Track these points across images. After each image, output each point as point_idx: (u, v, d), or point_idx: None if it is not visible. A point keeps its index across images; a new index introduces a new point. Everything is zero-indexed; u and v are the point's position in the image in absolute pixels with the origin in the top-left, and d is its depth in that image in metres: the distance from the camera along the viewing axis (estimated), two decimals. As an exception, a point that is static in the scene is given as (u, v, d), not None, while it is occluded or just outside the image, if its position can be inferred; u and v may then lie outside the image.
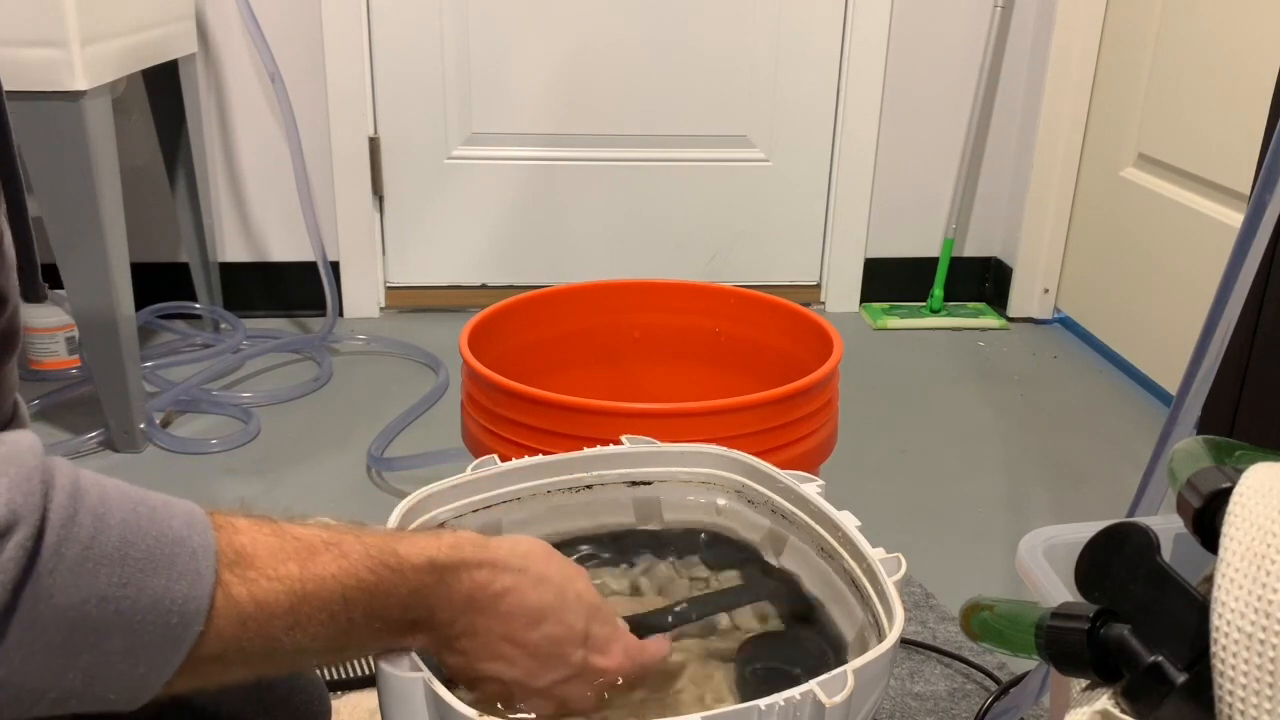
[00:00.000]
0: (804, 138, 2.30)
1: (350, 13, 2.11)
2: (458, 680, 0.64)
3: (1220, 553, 0.50)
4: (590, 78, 2.22)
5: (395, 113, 2.20)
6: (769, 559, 0.80)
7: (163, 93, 2.00)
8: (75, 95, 1.49)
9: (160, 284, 2.17)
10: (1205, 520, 0.54)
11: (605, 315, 1.34)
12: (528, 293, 1.30)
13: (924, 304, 2.40)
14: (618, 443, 0.83)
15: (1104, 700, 0.56)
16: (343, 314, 2.26)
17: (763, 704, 0.55)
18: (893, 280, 2.41)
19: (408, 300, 2.33)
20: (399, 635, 0.57)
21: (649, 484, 0.83)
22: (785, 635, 0.74)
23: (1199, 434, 0.68)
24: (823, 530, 0.75)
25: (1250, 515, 0.51)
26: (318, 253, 2.05)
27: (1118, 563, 0.58)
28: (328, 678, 1.18)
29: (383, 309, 2.32)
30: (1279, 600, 0.47)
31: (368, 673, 1.18)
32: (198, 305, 2.15)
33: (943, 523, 1.58)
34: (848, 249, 2.37)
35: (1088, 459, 1.77)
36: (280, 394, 1.90)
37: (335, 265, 2.23)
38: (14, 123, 0.62)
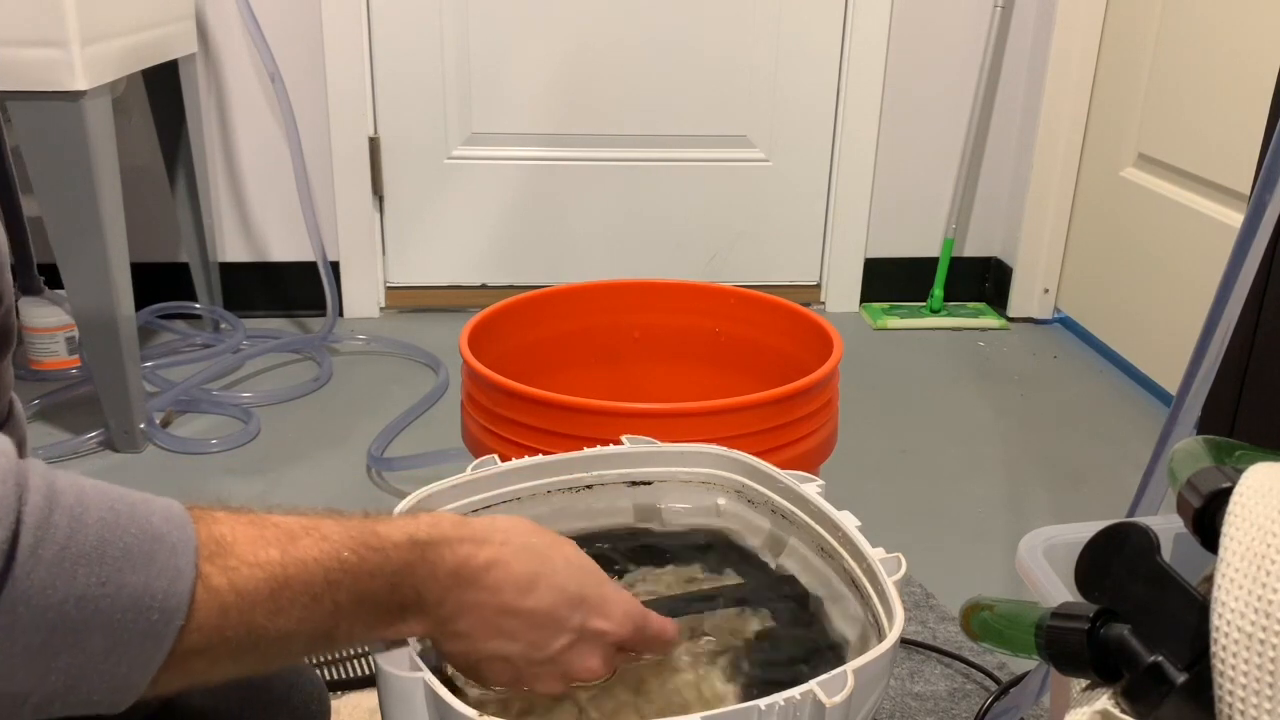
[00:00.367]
0: (804, 138, 2.30)
1: (350, 13, 2.11)
2: (463, 672, 0.63)
3: (1220, 553, 0.50)
4: (590, 78, 2.22)
5: (395, 113, 2.20)
6: (768, 559, 0.80)
7: (163, 93, 2.00)
8: (75, 95, 1.49)
9: (160, 284, 2.17)
10: (1205, 520, 0.54)
11: (605, 315, 1.34)
12: (528, 293, 1.30)
13: (924, 304, 2.40)
14: (618, 443, 0.83)
15: (1104, 700, 0.56)
16: (343, 314, 2.26)
17: (763, 704, 0.55)
18: (893, 280, 2.41)
19: (408, 300, 2.33)
20: (389, 621, 0.56)
21: (649, 484, 0.83)
22: (784, 634, 0.74)
23: (1199, 434, 0.68)
24: (823, 530, 0.75)
25: (1250, 515, 0.51)
26: (318, 253, 2.05)
27: (1118, 563, 0.58)
28: (328, 678, 1.18)
29: (383, 309, 2.32)
30: (1279, 600, 0.47)
31: (368, 673, 1.18)
32: (198, 305, 2.15)
33: (943, 523, 1.58)
34: (848, 249, 2.37)
35: (1088, 459, 1.77)
36: (280, 394, 1.90)
37: (335, 265, 2.23)
38: (14, 123, 0.62)
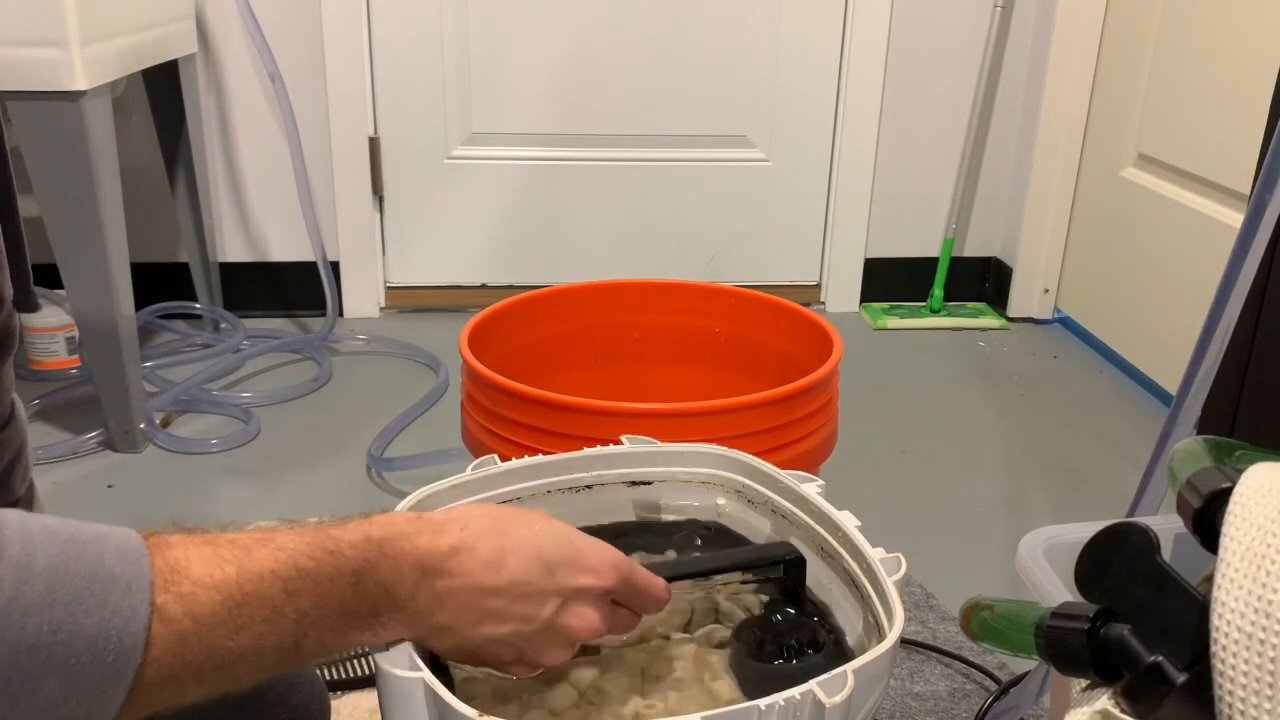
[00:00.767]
0: (804, 138, 2.30)
1: (350, 13, 2.11)
2: (469, 664, 0.62)
3: (1220, 553, 0.50)
4: (590, 78, 2.22)
5: (395, 113, 2.20)
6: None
7: (163, 93, 2.00)
8: (75, 95, 1.49)
9: (160, 284, 2.17)
10: (1205, 520, 0.54)
11: (605, 315, 1.34)
12: (528, 293, 1.30)
13: (924, 304, 2.40)
14: (618, 443, 0.83)
15: (1104, 700, 0.56)
16: (343, 314, 2.26)
17: (763, 704, 0.55)
18: (893, 280, 2.41)
19: (408, 300, 2.33)
20: (362, 625, 0.55)
21: (649, 484, 0.83)
22: (783, 618, 0.74)
23: (1199, 434, 0.68)
24: (823, 530, 0.75)
25: (1250, 515, 0.51)
26: (318, 253, 2.05)
27: (1118, 563, 0.58)
28: (328, 678, 1.18)
29: (383, 309, 2.32)
30: (1279, 600, 0.47)
31: (368, 673, 1.18)
32: (198, 305, 2.15)
33: (943, 523, 1.58)
34: (848, 249, 2.37)
35: (1088, 459, 1.77)
36: (280, 394, 1.90)
37: (335, 265, 2.23)
38: (14, 123, 0.62)
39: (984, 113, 2.30)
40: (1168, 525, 0.67)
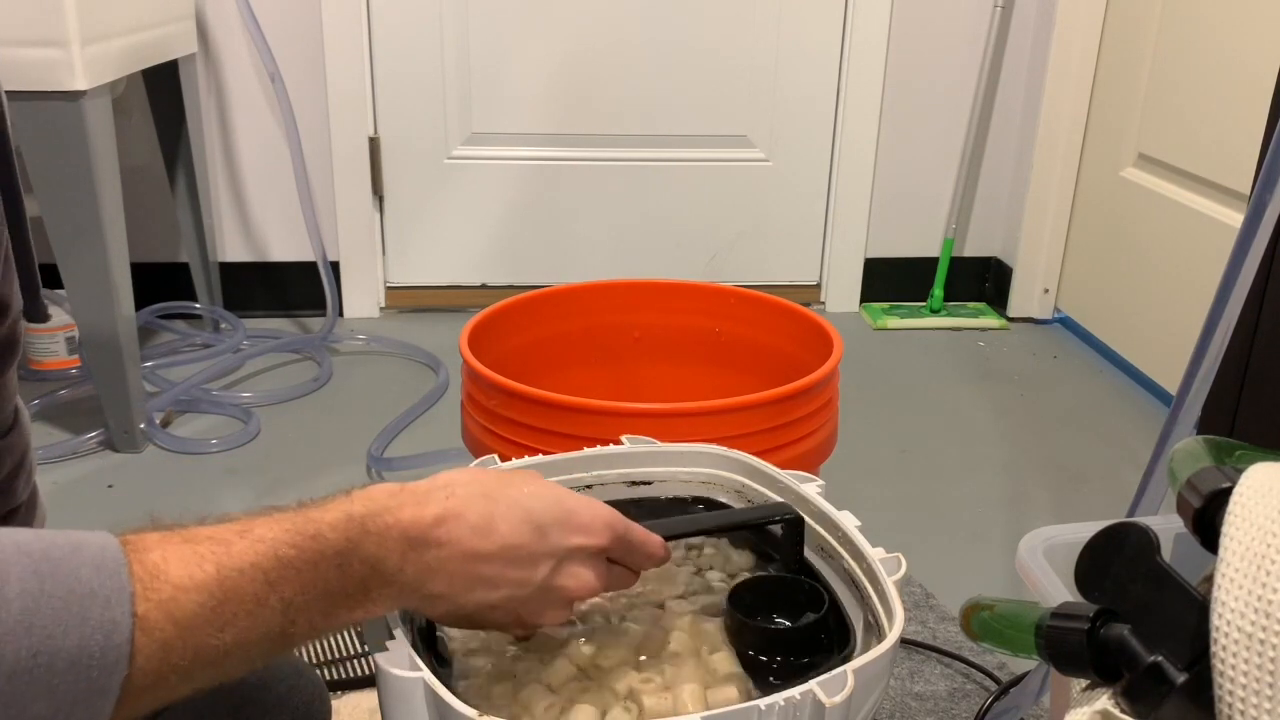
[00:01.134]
0: (804, 138, 2.30)
1: (350, 13, 2.11)
2: (465, 628, 0.62)
3: (1220, 553, 0.50)
4: (590, 78, 2.22)
5: (395, 113, 2.20)
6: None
7: (163, 93, 2.00)
8: (75, 95, 1.49)
9: (160, 284, 2.17)
10: (1205, 520, 0.54)
11: (605, 315, 1.34)
12: (528, 293, 1.30)
13: (924, 304, 2.40)
14: (618, 443, 0.83)
15: (1104, 700, 0.56)
16: (343, 314, 2.26)
17: (763, 704, 0.55)
18: (893, 280, 2.41)
19: (408, 300, 2.33)
20: (352, 603, 0.54)
21: (649, 484, 0.83)
22: (775, 579, 0.73)
23: (1199, 434, 0.68)
24: (823, 530, 0.75)
25: (1250, 515, 0.51)
26: (318, 253, 2.05)
27: (1118, 563, 0.58)
28: (328, 678, 1.18)
29: (383, 309, 2.32)
30: (1279, 600, 0.47)
31: (368, 673, 1.19)
32: (198, 305, 2.15)
33: (943, 523, 1.58)
34: (848, 249, 2.37)
35: (1088, 459, 1.77)
36: (280, 394, 1.90)
37: (335, 265, 2.23)
38: (14, 123, 0.61)
39: (984, 113, 2.30)
40: (1168, 525, 0.67)
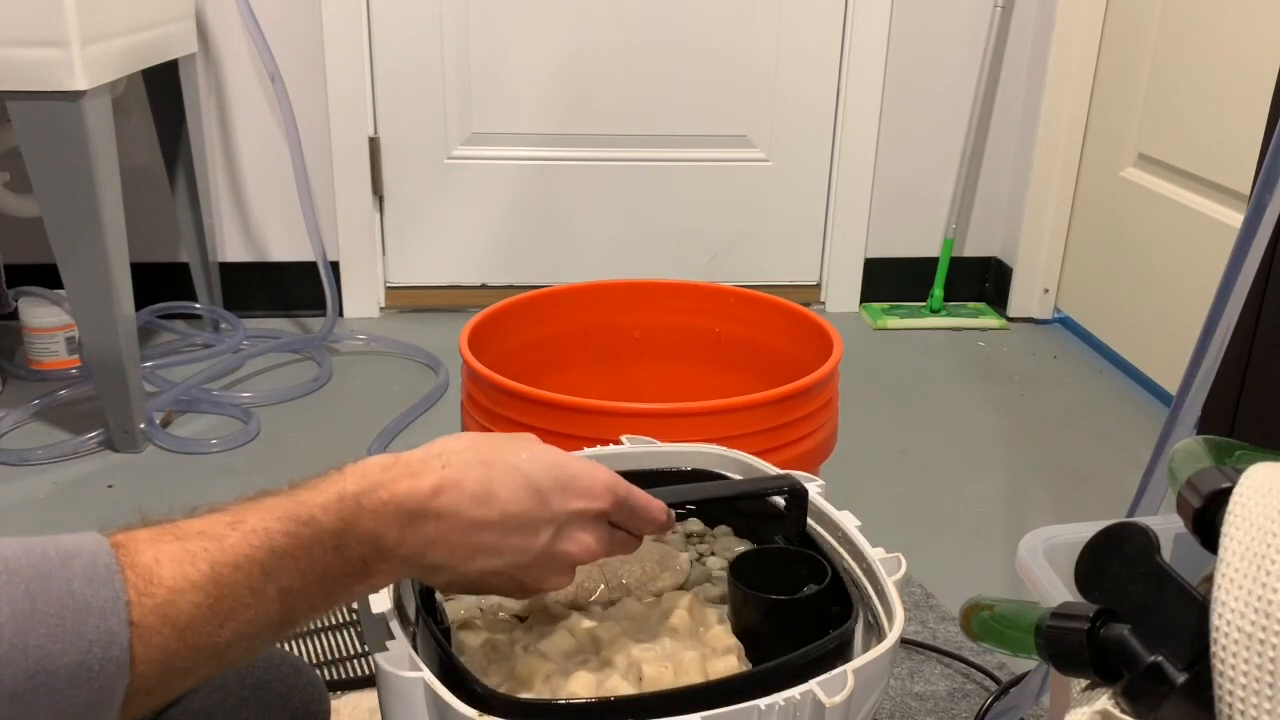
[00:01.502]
0: (804, 138, 2.30)
1: (350, 13, 2.11)
2: (466, 594, 0.62)
3: (1220, 553, 0.50)
4: (590, 78, 2.22)
5: (395, 113, 2.20)
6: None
7: (163, 93, 2.00)
8: (75, 95, 1.49)
9: (160, 284, 2.17)
10: (1205, 520, 0.54)
11: (605, 315, 1.34)
12: (528, 293, 1.30)
13: (924, 304, 2.40)
14: (618, 443, 0.83)
15: (1104, 700, 0.56)
16: (343, 314, 2.26)
17: (763, 704, 0.55)
18: (893, 280, 2.41)
19: (408, 300, 2.33)
20: (353, 582, 0.54)
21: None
22: (778, 551, 0.73)
23: (1199, 434, 0.68)
24: (823, 530, 0.75)
25: (1250, 515, 0.51)
26: (318, 253, 2.05)
27: (1118, 563, 0.58)
28: (328, 678, 1.18)
29: (383, 309, 2.32)
30: (1279, 600, 0.47)
31: (368, 673, 1.19)
32: (198, 305, 2.15)
33: (943, 523, 1.58)
34: (847, 249, 2.37)
35: (1088, 459, 1.77)
36: (280, 394, 1.90)
37: (335, 265, 2.23)
38: (14, 123, 0.61)
39: (984, 113, 2.30)
40: (1168, 525, 0.67)
